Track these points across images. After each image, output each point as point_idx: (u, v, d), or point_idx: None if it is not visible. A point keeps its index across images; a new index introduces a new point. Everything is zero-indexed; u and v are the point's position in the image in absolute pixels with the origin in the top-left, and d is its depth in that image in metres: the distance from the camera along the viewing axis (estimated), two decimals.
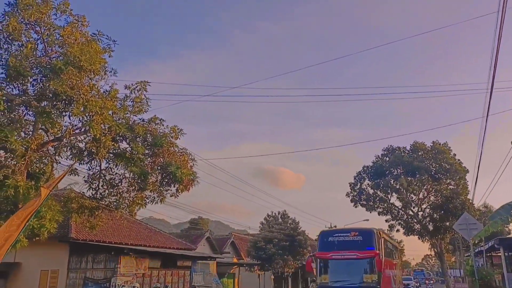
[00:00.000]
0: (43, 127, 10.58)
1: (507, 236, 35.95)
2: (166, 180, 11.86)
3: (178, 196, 12.10)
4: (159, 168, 11.66)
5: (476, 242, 28.96)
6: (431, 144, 40.13)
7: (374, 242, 15.73)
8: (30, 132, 10.71)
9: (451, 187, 38.82)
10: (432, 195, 40.29)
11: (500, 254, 25.78)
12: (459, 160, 39.08)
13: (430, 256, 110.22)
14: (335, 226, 60.92)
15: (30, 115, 10.73)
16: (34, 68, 10.13)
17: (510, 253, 23.32)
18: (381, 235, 17.16)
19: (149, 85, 11.49)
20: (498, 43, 6.97)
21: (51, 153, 11.27)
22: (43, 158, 11.23)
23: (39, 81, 10.30)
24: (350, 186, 42.48)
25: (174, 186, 11.91)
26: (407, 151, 40.97)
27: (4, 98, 9.35)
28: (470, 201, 35.92)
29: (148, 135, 11.39)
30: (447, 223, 37.61)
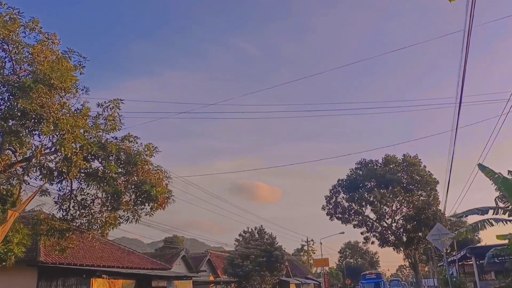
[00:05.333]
0: (11, 147, 10.20)
1: (478, 245, 37.00)
2: (141, 199, 11.58)
3: (153, 215, 11.83)
4: (133, 186, 11.39)
5: (448, 251, 29.56)
6: (402, 157, 41.13)
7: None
8: None
9: (423, 198, 39.82)
10: (404, 207, 41.18)
11: (472, 262, 26.44)
12: (429, 171, 40.20)
13: (404, 267, 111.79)
14: (312, 240, 60.94)
15: None
16: (1, 87, 9.80)
17: (481, 262, 23.94)
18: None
19: (122, 102, 11.30)
20: (465, 59, 7.28)
21: (19, 174, 10.86)
22: (11, 179, 10.79)
23: (6, 100, 9.96)
24: (325, 199, 42.93)
25: (148, 205, 11.64)
26: (379, 164, 41.81)
27: None
28: (442, 211, 36.86)
29: (122, 153, 11.13)
30: (420, 234, 38.43)
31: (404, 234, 41.00)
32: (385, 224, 41.96)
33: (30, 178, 10.92)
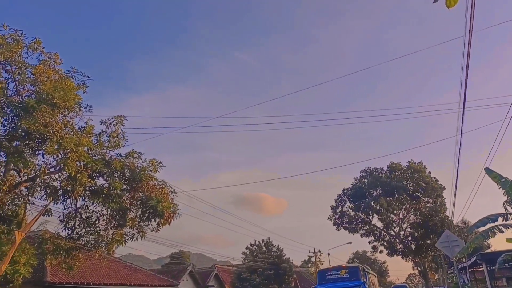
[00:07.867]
0: (15, 167, 10.23)
1: (488, 251, 36.53)
2: (147, 215, 11.55)
3: (159, 230, 11.79)
4: (138, 203, 11.38)
5: (458, 258, 29.17)
6: (407, 164, 40.86)
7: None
8: (1, 174, 10.33)
9: (429, 205, 39.43)
10: (411, 214, 40.79)
11: (482, 269, 26.03)
12: (435, 178, 39.87)
13: (414, 275, 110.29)
14: (319, 251, 60.35)
15: (1, 156, 10.38)
16: (5, 108, 9.87)
17: (492, 268, 23.56)
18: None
19: (126, 119, 11.36)
20: (467, 65, 7.28)
21: (24, 194, 10.86)
22: (16, 199, 10.80)
23: (10, 120, 10.02)
24: (331, 209, 42.59)
25: (155, 221, 11.60)
26: (384, 172, 41.54)
27: None
28: (449, 218, 36.45)
29: (126, 170, 11.14)
30: (428, 241, 37.98)
31: (413, 242, 40.52)
32: (393, 233, 41.53)
33: (35, 198, 10.93)
